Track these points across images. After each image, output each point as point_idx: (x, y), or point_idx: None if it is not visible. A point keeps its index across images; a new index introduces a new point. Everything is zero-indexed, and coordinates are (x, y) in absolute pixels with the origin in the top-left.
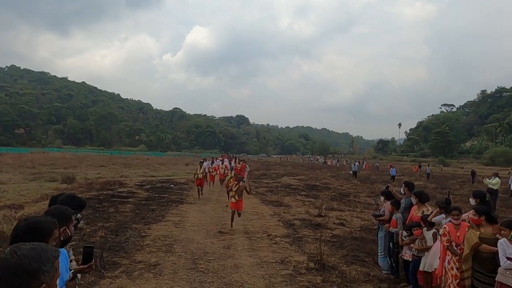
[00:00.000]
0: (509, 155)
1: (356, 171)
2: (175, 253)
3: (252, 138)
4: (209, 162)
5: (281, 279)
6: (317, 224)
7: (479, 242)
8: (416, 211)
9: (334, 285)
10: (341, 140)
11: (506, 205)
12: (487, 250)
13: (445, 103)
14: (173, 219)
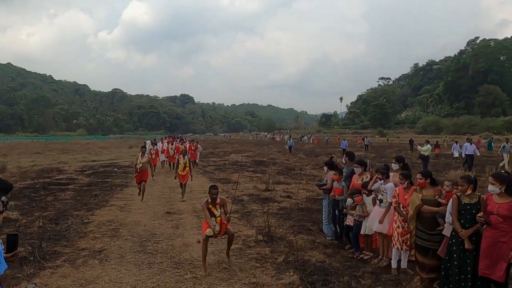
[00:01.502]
0: (439, 123)
1: (291, 146)
2: (121, 237)
3: (198, 117)
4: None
5: (231, 253)
6: (265, 198)
7: (421, 203)
8: (357, 179)
9: (282, 255)
10: (286, 116)
11: (436, 169)
12: (427, 211)
13: (382, 77)
14: (118, 203)
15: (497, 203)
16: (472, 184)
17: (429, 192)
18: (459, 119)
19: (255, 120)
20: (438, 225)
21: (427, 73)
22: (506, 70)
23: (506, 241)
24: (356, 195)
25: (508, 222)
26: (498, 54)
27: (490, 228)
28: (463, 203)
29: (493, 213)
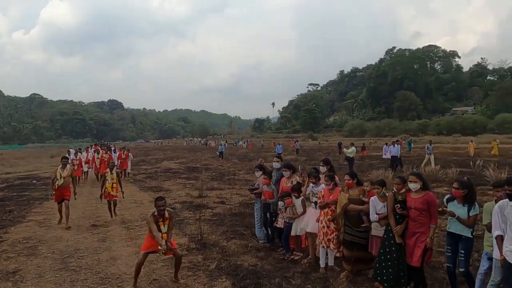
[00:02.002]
0: (363, 126)
1: (222, 151)
2: (40, 255)
3: (128, 123)
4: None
5: (162, 264)
6: (198, 205)
7: (347, 202)
8: (286, 182)
9: (215, 261)
10: (220, 121)
11: (360, 170)
12: (353, 209)
13: (311, 83)
14: (37, 218)
15: (414, 198)
16: (405, 182)
17: (355, 192)
18: (380, 123)
19: (189, 126)
20: (363, 222)
21: (352, 79)
22: (419, 78)
23: (423, 231)
24: (286, 198)
25: (424, 214)
26: (412, 63)
27: (410, 221)
28: (398, 200)
29: (411, 207)
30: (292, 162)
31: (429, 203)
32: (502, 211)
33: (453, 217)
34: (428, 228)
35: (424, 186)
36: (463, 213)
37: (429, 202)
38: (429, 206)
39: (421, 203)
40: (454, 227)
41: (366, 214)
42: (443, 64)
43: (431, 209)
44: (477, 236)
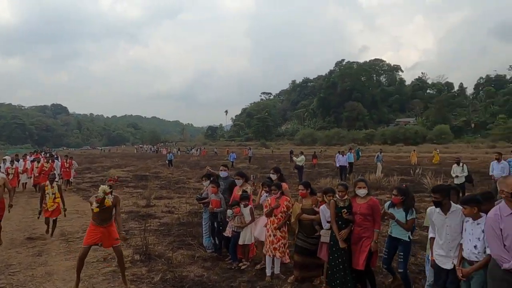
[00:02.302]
0: (314, 135)
1: (171, 160)
2: None
3: (73, 129)
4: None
5: (103, 278)
6: (145, 214)
7: (301, 212)
8: (238, 190)
9: (159, 273)
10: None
11: (310, 178)
12: (306, 219)
13: (264, 91)
14: None
15: (359, 204)
16: (347, 189)
17: (308, 202)
18: (330, 132)
19: (139, 133)
20: (316, 231)
21: (303, 89)
22: (366, 89)
23: (368, 236)
24: (235, 207)
25: (368, 219)
26: (359, 75)
27: (356, 226)
28: (339, 206)
29: (357, 212)
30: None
31: (373, 208)
32: (430, 218)
33: (393, 219)
34: (372, 232)
35: (369, 192)
36: (402, 217)
37: (373, 207)
38: (373, 211)
39: (366, 208)
40: (395, 232)
41: (318, 223)
42: (387, 77)
43: (375, 214)
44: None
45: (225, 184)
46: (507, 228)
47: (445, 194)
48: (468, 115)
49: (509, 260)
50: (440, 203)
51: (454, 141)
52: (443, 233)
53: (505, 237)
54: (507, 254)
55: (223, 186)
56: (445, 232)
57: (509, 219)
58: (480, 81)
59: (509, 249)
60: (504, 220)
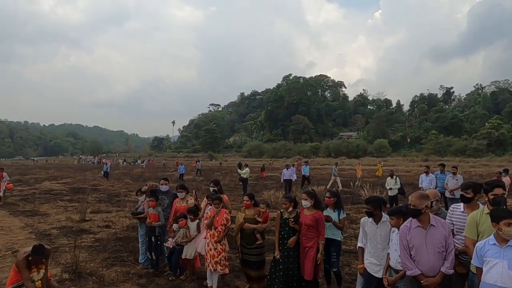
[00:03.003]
0: (261, 148)
1: (107, 171)
2: None
3: (5, 138)
4: None
5: None
6: (79, 230)
7: (243, 221)
8: (180, 202)
9: None
10: (116, 138)
11: (255, 190)
12: (248, 228)
13: (212, 103)
14: None
15: (305, 215)
16: (292, 202)
17: (251, 212)
18: (277, 144)
19: (79, 143)
20: (257, 240)
21: (252, 102)
22: (311, 104)
23: (312, 246)
24: (181, 219)
25: (312, 230)
26: (305, 89)
27: (302, 236)
28: (284, 217)
29: (303, 223)
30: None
31: (317, 221)
32: (363, 227)
33: (330, 221)
34: (316, 242)
35: (316, 205)
36: (335, 217)
37: (317, 219)
38: (318, 223)
39: (311, 220)
40: (328, 233)
41: (259, 232)
42: (332, 92)
43: (319, 226)
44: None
45: (169, 198)
46: (413, 239)
47: (377, 205)
48: (404, 130)
49: (412, 268)
50: (372, 214)
51: (392, 155)
52: (375, 242)
53: (410, 247)
54: (411, 263)
55: (166, 200)
56: (376, 241)
57: (416, 231)
58: (415, 99)
59: (414, 258)
60: (411, 232)
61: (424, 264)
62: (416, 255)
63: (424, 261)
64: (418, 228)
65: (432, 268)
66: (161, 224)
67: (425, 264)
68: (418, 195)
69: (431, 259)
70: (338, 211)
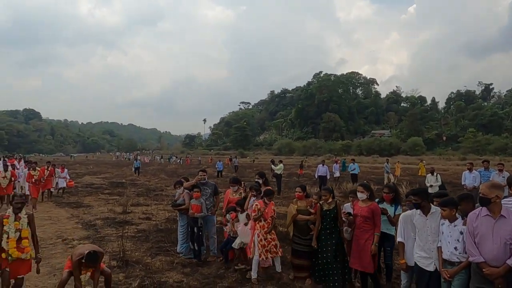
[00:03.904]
0: (291, 145)
1: (138, 167)
2: None
3: (46, 135)
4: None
5: None
6: (122, 221)
7: (296, 213)
8: (233, 194)
9: (137, 279)
10: (149, 136)
11: (288, 186)
12: (301, 219)
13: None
14: None
15: (361, 207)
16: (331, 194)
17: (303, 204)
18: (307, 142)
19: (115, 140)
20: (311, 231)
21: (282, 100)
22: (342, 101)
23: (368, 238)
24: (230, 212)
25: (368, 222)
26: (336, 87)
27: (357, 228)
28: (324, 209)
29: (358, 215)
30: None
31: (373, 212)
32: (410, 220)
33: (386, 214)
34: (372, 235)
35: (371, 197)
36: (391, 211)
37: (374, 211)
38: (374, 214)
39: (367, 211)
40: (382, 227)
41: (313, 223)
42: (364, 89)
43: (375, 218)
44: None
45: (210, 188)
46: (479, 227)
47: (424, 196)
48: (439, 128)
49: (476, 255)
50: (419, 205)
51: (426, 153)
52: (424, 234)
53: (476, 234)
54: (475, 250)
55: (209, 190)
56: (426, 233)
57: (484, 220)
58: (451, 96)
59: (478, 245)
60: (479, 219)
61: (488, 253)
62: (480, 243)
63: (488, 250)
64: (487, 217)
65: (496, 259)
66: (203, 215)
67: (489, 254)
68: (489, 185)
69: (495, 249)
70: (395, 205)
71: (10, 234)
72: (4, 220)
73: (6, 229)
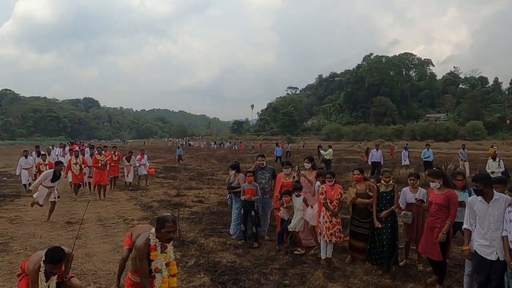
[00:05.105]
0: (340, 130)
1: (181, 155)
2: (12, 251)
3: (104, 122)
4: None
5: None
6: (176, 203)
7: (355, 196)
8: (286, 178)
9: (193, 258)
10: (198, 122)
11: (337, 172)
12: (361, 203)
13: (290, 86)
14: (8, 215)
15: (436, 194)
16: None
17: (362, 187)
18: (357, 127)
19: (167, 126)
20: (370, 214)
21: (330, 84)
22: (394, 84)
23: (439, 227)
24: (285, 196)
25: (443, 210)
26: (388, 70)
27: (430, 215)
28: (380, 191)
29: (433, 202)
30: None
31: (450, 200)
32: (472, 207)
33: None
34: (444, 223)
35: (446, 183)
36: (465, 197)
37: (450, 198)
38: (450, 203)
39: (443, 199)
40: (458, 215)
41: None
42: (417, 71)
43: (451, 206)
44: None
45: (268, 172)
46: None
47: (486, 182)
48: (503, 111)
49: None
50: (481, 192)
51: (487, 138)
52: (486, 222)
53: None
54: None
55: (268, 174)
56: (487, 221)
57: None
58: None
59: None
60: None
61: None
62: None
63: None
64: None
65: None
66: (258, 199)
67: None
68: None
69: None
70: (468, 191)
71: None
72: (152, 254)
73: (159, 266)
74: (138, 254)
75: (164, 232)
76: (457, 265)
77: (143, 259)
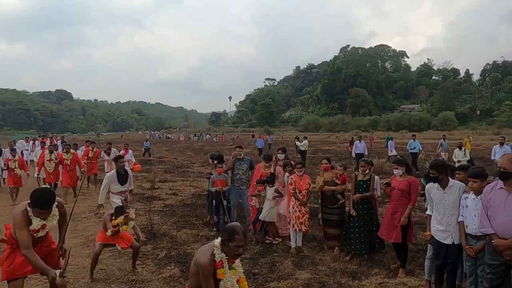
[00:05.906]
0: (317, 122)
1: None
2: None
3: (78, 115)
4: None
5: (110, 254)
6: (150, 196)
7: (323, 184)
8: (265, 169)
9: (164, 250)
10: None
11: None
12: (328, 190)
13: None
14: None
15: (399, 181)
16: (370, 165)
17: (329, 175)
18: (334, 118)
19: (143, 119)
20: (338, 201)
21: (308, 75)
22: (370, 76)
23: (401, 211)
24: (259, 185)
25: (405, 195)
26: (364, 61)
27: (392, 200)
28: (358, 179)
29: (395, 188)
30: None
31: (411, 186)
32: (429, 193)
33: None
34: (405, 208)
35: (407, 171)
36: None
37: (411, 184)
38: (411, 188)
39: (405, 185)
40: None
41: (339, 193)
42: (393, 63)
43: (412, 191)
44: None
45: (246, 163)
46: (492, 198)
47: (442, 170)
48: (473, 102)
49: (486, 227)
50: (437, 179)
51: (459, 128)
52: (442, 208)
53: (488, 206)
54: (487, 222)
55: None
56: (443, 207)
57: (497, 192)
58: (487, 67)
59: (489, 217)
60: (493, 192)
61: (498, 225)
62: (491, 215)
63: (498, 222)
64: (501, 190)
65: (506, 231)
66: (228, 189)
67: (499, 226)
68: (510, 157)
69: (506, 221)
70: None
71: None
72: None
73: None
74: (202, 273)
75: (233, 246)
76: (421, 249)
77: (209, 278)
